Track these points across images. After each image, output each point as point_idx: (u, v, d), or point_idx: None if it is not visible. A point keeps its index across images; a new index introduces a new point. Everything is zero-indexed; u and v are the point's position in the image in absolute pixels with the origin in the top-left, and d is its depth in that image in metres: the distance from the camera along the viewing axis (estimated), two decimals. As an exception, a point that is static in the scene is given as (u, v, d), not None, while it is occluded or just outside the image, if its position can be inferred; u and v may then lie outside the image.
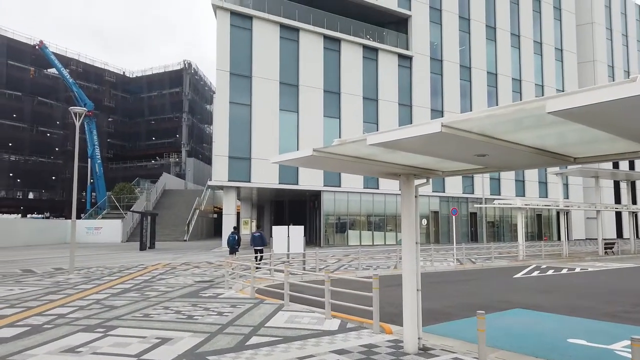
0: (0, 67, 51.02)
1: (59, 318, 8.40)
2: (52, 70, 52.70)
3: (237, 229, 21.62)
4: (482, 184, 35.36)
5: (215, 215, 48.05)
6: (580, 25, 49.05)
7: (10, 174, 54.09)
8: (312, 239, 34.10)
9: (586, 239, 45.19)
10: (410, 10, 36.55)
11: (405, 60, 36.28)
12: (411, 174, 6.49)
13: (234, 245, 17.53)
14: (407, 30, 36.89)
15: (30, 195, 59.14)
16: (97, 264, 19.29)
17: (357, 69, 33.97)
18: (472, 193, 38.44)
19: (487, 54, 40.81)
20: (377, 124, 34.26)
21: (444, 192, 36.96)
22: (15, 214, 52.82)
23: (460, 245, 23.13)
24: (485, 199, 35.47)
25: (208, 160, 61.27)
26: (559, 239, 41.41)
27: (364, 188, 33.29)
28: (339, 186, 32.32)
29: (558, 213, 40.39)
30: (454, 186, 37.41)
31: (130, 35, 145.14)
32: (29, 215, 53.71)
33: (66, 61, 54.01)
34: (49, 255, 24.94)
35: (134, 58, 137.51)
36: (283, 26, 31.33)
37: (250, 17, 30.28)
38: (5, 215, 48.20)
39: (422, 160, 5.72)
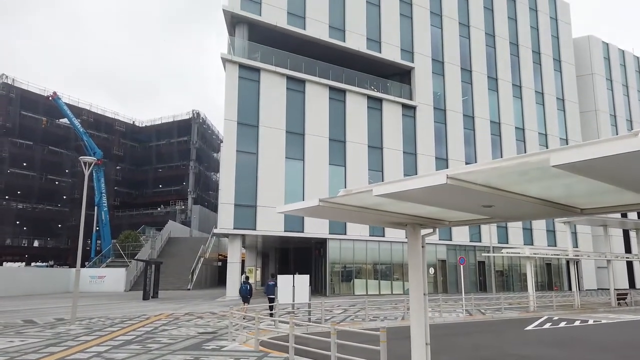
0: (14, 117, 52.39)
1: (58, 372, 8.18)
2: (64, 120, 54.02)
3: (248, 278, 21.67)
4: (489, 232, 35.02)
5: (219, 263, 47.55)
6: (580, 76, 50.11)
7: (17, 222, 54.31)
8: (317, 288, 33.52)
9: (598, 289, 44.11)
10: (413, 62, 37.62)
11: (409, 110, 36.97)
12: (417, 223, 6.47)
13: (246, 294, 17.83)
14: (410, 81, 37.83)
15: (36, 243, 59.10)
16: (99, 314, 18.96)
17: (362, 118, 34.59)
18: (480, 241, 38.01)
19: (489, 104, 41.56)
20: (382, 172, 34.46)
21: (451, 240, 36.58)
22: (20, 262, 52.63)
23: (469, 296, 22.63)
24: (493, 247, 35.02)
25: (214, 208, 61.39)
26: (570, 288, 40.45)
27: (370, 236, 33.05)
28: (345, 234, 32.11)
29: (568, 262, 39.69)
30: (461, 234, 37.07)
31: (143, 86, 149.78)
32: (33, 264, 53.48)
33: (78, 111, 55.46)
34: (51, 305, 24.60)
35: (146, 107, 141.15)
36: (290, 78, 32.23)
37: (258, 70, 31.24)
38: (10, 264, 48.02)
39: (428, 210, 5.72)
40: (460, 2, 41.69)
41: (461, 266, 20.55)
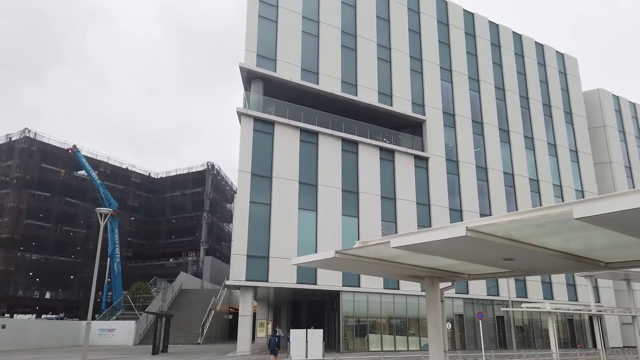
0: (34, 169, 53.68)
1: None
2: (82, 172, 55.19)
3: (276, 331, 21.80)
4: (507, 286, 34.03)
5: (230, 316, 46.61)
6: (593, 128, 50.26)
7: (30, 273, 54.34)
8: (330, 343, 32.47)
9: (624, 346, 42.04)
10: (424, 115, 38.23)
11: (422, 161, 37.17)
12: (436, 276, 6.34)
13: (275, 347, 18.48)
14: (422, 133, 38.27)
15: (47, 295, 58.80)
16: (107, 369, 18.50)
17: (374, 169, 34.80)
18: (498, 295, 36.91)
19: (502, 155, 41.67)
20: (396, 223, 34.20)
21: (467, 293, 35.60)
22: (30, 315, 52.20)
23: (489, 353, 21.71)
24: (512, 301, 33.92)
25: (226, 259, 60.98)
26: (595, 346, 38.64)
27: (384, 288, 32.33)
28: (358, 286, 31.48)
29: (591, 318, 38.14)
30: (478, 288, 36.09)
31: (160, 138, 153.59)
32: (43, 316, 52.95)
33: (96, 163, 56.72)
34: (60, 359, 24.12)
35: (162, 160, 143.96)
36: (303, 130, 32.85)
37: (272, 123, 31.94)
38: (20, 316, 47.66)
39: (446, 262, 5.63)
40: (469, 57, 42.82)
41: (480, 321, 19.84)
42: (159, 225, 68.83)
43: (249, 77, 32.78)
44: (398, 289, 32.57)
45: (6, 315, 42.69)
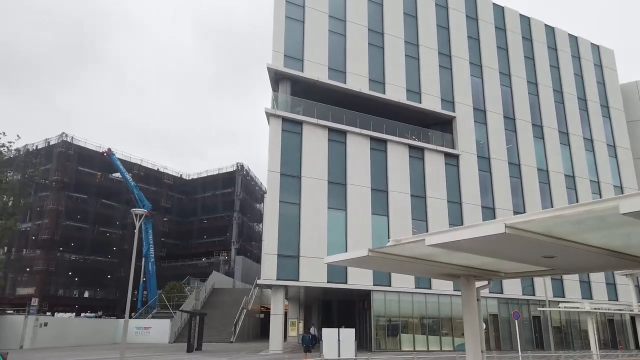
0: (71, 172, 55.48)
1: None
2: (117, 174, 56.71)
3: (310, 329, 22.33)
4: (543, 285, 33.16)
5: (262, 315, 47.06)
6: (631, 122, 48.39)
7: (69, 273, 56.22)
8: (362, 342, 32.35)
9: (669, 348, 40.29)
10: (454, 111, 37.64)
11: (452, 159, 36.60)
12: (471, 275, 6.22)
13: (309, 344, 19.09)
14: (452, 130, 37.70)
15: (86, 294, 60.73)
16: (144, 366, 18.96)
17: (403, 167, 34.49)
18: (533, 295, 35.99)
19: (535, 152, 40.60)
20: (426, 222, 33.80)
21: (502, 293, 34.85)
22: (70, 313, 54.08)
23: (526, 353, 21.20)
24: (549, 301, 33.00)
25: (256, 259, 61.61)
26: (637, 347, 37.22)
27: (416, 288, 32.00)
28: (389, 285, 31.26)
29: (633, 318, 36.74)
30: (512, 287, 35.26)
31: (191, 140, 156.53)
32: (82, 314, 54.75)
33: (130, 166, 58.20)
34: (99, 356, 24.88)
35: (193, 161, 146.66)
36: (331, 129, 32.85)
37: (300, 122, 32.06)
38: (60, 314, 49.41)
39: (483, 260, 5.52)
40: (500, 52, 41.91)
41: (516, 321, 19.39)
42: (191, 225, 70.08)
43: (276, 78, 33.01)
44: (430, 288, 32.20)
45: (47, 313, 44.29)
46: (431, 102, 36.88)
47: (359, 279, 30.31)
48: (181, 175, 71.88)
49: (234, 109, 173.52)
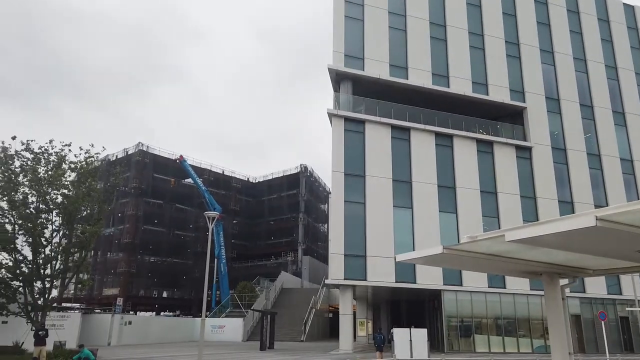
0: (148, 179, 58.86)
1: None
2: (189, 180, 59.44)
3: (381, 329, 22.76)
4: (632, 283, 30.63)
5: (330, 315, 47.36)
6: None
7: (149, 274, 59.65)
8: (433, 343, 31.57)
9: None
10: (524, 102, 35.86)
11: (524, 152, 34.87)
12: (555, 272, 5.86)
13: (381, 343, 19.58)
14: (523, 122, 35.92)
15: (164, 294, 64.11)
16: (220, 363, 19.70)
17: (471, 162, 33.33)
18: (620, 294, 33.40)
19: (617, 140, 37.68)
20: (498, 218, 32.42)
21: (584, 292, 32.66)
22: (151, 312, 57.43)
23: (615, 357, 19.72)
24: (639, 300, 30.49)
25: (323, 259, 62.08)
26: None
27: (489, 287, 30.77)
28: (461, 285, 30.30)
29: None
30: (596, 286, 32.94)
31: (256, 144, 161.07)
32: (162, 313, 57.95)
33: (200, 171, 60.79)
34: (178, 353, 26.17)
35: (258, 164, 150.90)
36: (394, 127, 32.42)
37: (362, 121, 31.93)
38: (142, 313, 52.60)
39: (568, 257, 5.19)
40: (574, 36, 39.37)
41: (602, 322, 18.10)
42: (259, 227, 71.94)
43: (337, 78, 33.11)
44: (504, 287, 30.87)
45: (131, 312, 47.30)
46: (499, 93, 35.37)
47: (429, 279, 29.65)
48: (248, 178, 74.04)
49: (296, 111, 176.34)
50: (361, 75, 32.52)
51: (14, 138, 21.07)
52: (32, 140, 21.54)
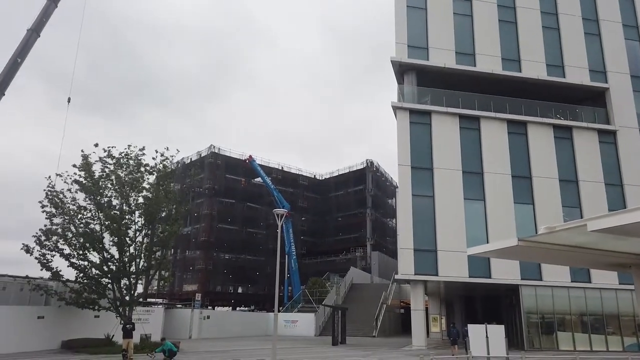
0: (220, 180, 61.39)
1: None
2: (258, 179, 61.23)
3: (455, 324, 23.16)
4: None
5: (402, 311, 46.78)
6: None
7: (224, 271, 62.20)
8: (512, 340, 30.22)
9: None
10: (606, 82, 33.25)
11: (608, 136, 32.35)
12: (647, 264, 5.38)
13: (455, 337, 21.02)
14: (605, 104, 33.32)
15: (239, 290, 66.57)
16: (295, 357, 20.12)
17: (548, 150, 31.45)
18: None
19: None
20: (580, 208, 30.35)
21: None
22: (227, 307, 59.90)
23: None
24: None
25: (392, 254, 61.45)
26: None
27: (572, 282, 28.91)
28: (540, 279, 28.72)
29: None
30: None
31: (320, 141, 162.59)
32: (237, 308, 60.26)
33: (269, 170, 62.41)
34: (254, 346, 27.07)
35: (324, 161, 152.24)
36: (462, 116, 31.34)
37: (428, 113, 31.17)
38: (219, 309, 55.00)
39: (662, 247, 4.73)
40: (661, 6, 35.88)
41: None
42: (327, 223, 72.62)
43: (401, 70, 32.54)
44: (589, 282, 28.88)
45: (209, 307, 49.57)
46: (577, 75, 33.06)
47: (505, 273, 28.40)
48: (314, 175, 74.91)
49: (363, 108, 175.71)
50: (425, 65, 31.74)
51: (96, 145, 22.78)
52: (112, 147, 23.18)
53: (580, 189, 30.89)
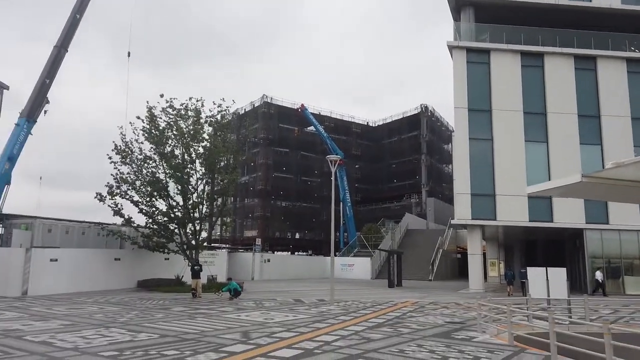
0: (274, 129, 62.17)
1: (325, 345, 9.31)
2: (311, 128, 61.42)
3: (509, 267, 24.21)
4: None
5: (459, 256, 46.71)
6: None
7: (282, 218, 64.25)
8: (575, 285, 29.60)
9: None
10: (692, 6, 29.85)
11: (691, 67, 29.41)
12: None
13: (511, 278, 23.16)
14: (690, 31, 30.09)
15: (297, 236, 68.80)
16: (352, 298, 20.86)
17: (620, 86, 29.15)
18: None
19: None
20: (654, 148, 28.32)
21: None
22: (286, 252, 62.35)
23: None
24: None
25: (448, 200, 60.69)
26: None
27: (642, 225, 27.51)
28: (607, 223, 27.53)
29: None
30: None
31: (373, 89, 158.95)
32: (296, 253, 62.58)
33: (321, 119, 62.26)
34: (313, 287, 28.26)
35: (376, 108, 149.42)
36: (524, 53, 29.48)
37: (487, 51, 29.55)
38: (279, 253, 57.34)
39: None
40: None
41: None
42: (381, 170, 72.29)
43: (457, 6, 30.79)
44: (661, 225, 27.35)
45: (269, 252, 51.81)
46: (657, 0, 29.84)
47: (568, 216, 27.42)
48: (367, 122, 74.00)
49: (413, 52, 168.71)
50: (484, -1, 29.77)
51: (161, 96, 23.59)
52: (174, 98, 23.92)
53: (655, 127, 28.69)
